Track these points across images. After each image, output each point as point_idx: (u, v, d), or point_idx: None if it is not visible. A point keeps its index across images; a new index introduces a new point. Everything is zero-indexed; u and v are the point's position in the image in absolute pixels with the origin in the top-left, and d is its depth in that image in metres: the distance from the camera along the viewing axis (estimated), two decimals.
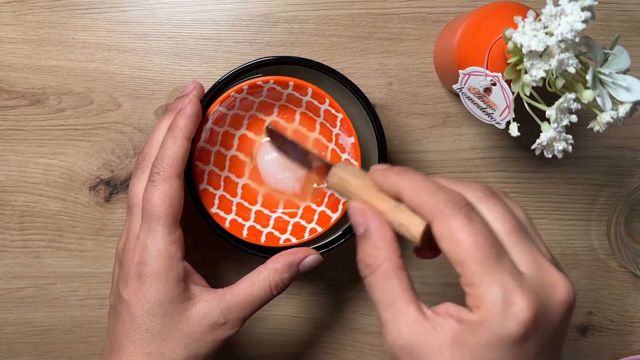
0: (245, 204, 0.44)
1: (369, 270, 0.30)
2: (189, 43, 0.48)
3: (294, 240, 0.42)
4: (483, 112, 0.39)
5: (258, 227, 0.43)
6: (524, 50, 0.32)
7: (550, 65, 0.32)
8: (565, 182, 0.50)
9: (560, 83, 0.32)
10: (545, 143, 0.34)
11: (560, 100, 0.33)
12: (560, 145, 0.34)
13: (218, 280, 0.50)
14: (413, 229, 0.30)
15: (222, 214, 0.42)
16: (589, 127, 0.35)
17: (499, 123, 0.39)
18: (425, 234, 0.29)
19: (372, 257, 0.30)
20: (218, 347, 0.38)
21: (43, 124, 0.48)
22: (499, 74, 0.36)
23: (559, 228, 0.51)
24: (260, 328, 0.51)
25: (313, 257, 0.40)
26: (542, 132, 0.34)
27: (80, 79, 0.48)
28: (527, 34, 0.32)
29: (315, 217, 0.43)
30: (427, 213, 0.29)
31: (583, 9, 0.31)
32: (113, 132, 0.48)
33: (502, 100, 0.38)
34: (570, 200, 0.50)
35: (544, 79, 0.33)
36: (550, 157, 0.35)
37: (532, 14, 0.33)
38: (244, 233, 0.42)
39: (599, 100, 0.32)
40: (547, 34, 0.31)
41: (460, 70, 0.38)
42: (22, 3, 0.47)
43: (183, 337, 0.37)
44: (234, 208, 0.43)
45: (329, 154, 0.44)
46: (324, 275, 0.50)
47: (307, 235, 0.42)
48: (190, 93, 0.40)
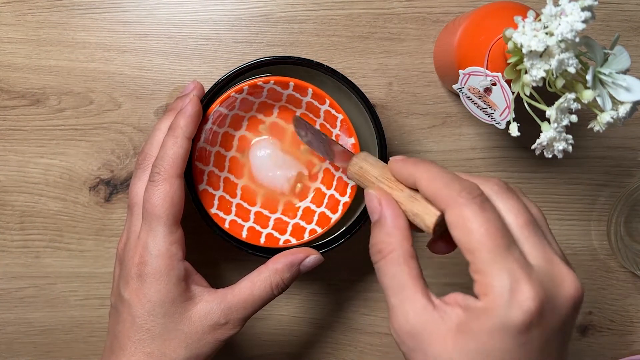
0: (245, 205, 0.44)
1: (380, 256, 0.31)
2: (189, 43, 0.48)
3: (294, 241, 0.42)
4: (483, 112, 0.39)
5: (258, 228, 0.43)
6: (524, 50, 0.32)
7: (550, 65, 0.32)
8: (565, 182, 0.50)
9: (560, 83, 0.33)
10: (545, 143, 0.34)
11: (560, 100, 0.33)
12: (560, 145, 0.35)
13: (218, 281, 0.50)
14: (427, 219, 0.30)
15: (221, 215, 0.42)
16: (589, 127, 0.35)
17: (499, 123, 0.39)
18: (438, 225, 0.30)
19: (384, 243, 0.31)
20: (219, 347, 0.38)
21: (43, 124, 0.48)
22: (499, 74, 0.36)
23: (559, 228, 0.51)
24: (261, 328, 0.51)
25: (314, 257, 0.40)
26: (542, 132, 0.34)
27: (80, 79, 0.48)
28: (527, 34, 0.32)
29: (315, 217, 0.43)
30: (441, 202, 0.29)
31: (583, 9, 0.31)
32: (113, 132, 0.48)
33: (502, 100, 0.38)
34: (570, 200, 0.50)
35: (544, 79, 0.33)
36: (550, 157, 0.35)
37: (532, 14, 0.33)
38: (244, 234, 0.42)
39: (599, 100, 0.32)
40: (547, 34, 0.31)
41: (460, 70, 0.38)
42: (22, 3, 0.47)
43: (184, 337, 0.37)
44: (234, 209, 0.43)
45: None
46: (324, 275, 0.50)
47: (307, 236, 0.42)
48: (191, 93, 0.40)
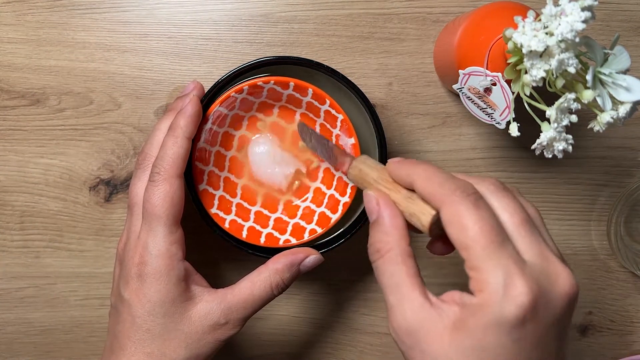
0: (245, 205, 0.44)
1: (378, 255, 0.31)
2: (189, 43, 0.48)
3: (294, 241, 0.42)
4: (483, 112, 0.39)
5: (258, 227, 0.43)
6: (524, 50, 0.32)
7: (550, 65, 0.32)
8: (565, 182, 0.50)
9: (560, 83, 0.33)
10: (545, 143, 0.34)
11: (560, 100, 0.33)
12: (560, 145, 0.35)
13: (218, 281, 0.50)
14: (423, 219, 0.31)
15: (221, 215, 0.42)
16: (589, 127, 0.35)
17: (499, 123, 0.39)
18: (434, 224, 0.31)
19: (382, 242, 0.31)
20: (219, 347, 0.38)
21: (43, 124, 0.48)
22: (499, 74, 0.36)
23: (559, 228, 0.51)
24: (261, 328, 0.51)
25: (314, 257, 0.40)
26: (542, 132, 0.34)
27: (80, 79, 0.48)
28: (527, 34, 0.32)
29: (315, 217, 0.43)
30: (436, 200, 0.30)
31: (583, 9, 0.31)
32: (113, 132, 0.48)
33: (502, 100, 0.38)
34: (570, 200, 0.50)
35: (544, 79, 0.33)
36: (550, 157, 0.35)
37: (532, 14, 0.33)
38: (244, 234, 0.42)
39: (599, 100, 0.32)
40: (547, 34, 0.31)
41: (460, 70, 0.38)
42: (22, 3, 0.47)
43: (184, 337, 0.37)
44: (234, 209, 0.43)
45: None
46: (324, 275, 0.50)
47: (306, 236, 0.42)
48: (191, 93, 0.40)
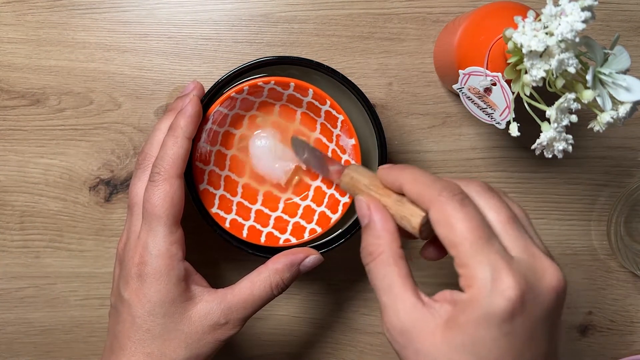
0: (246, 203, 0.44)
1: (371, 258, 0.32)
2: (189, 43, 0.48)
3: (294, 241, 0.42)
4: (483, 112, 0.39)
5: (258, 226, 0.43)
6: (524, 50, 0.32)
7: (550, 65, 0.32)
8: (565, 182, 0.50)
9: (560, 83, 0.33)
10: (545, 143, 0.34)
11: (560, 100, 0.33)
12: (560, 145, 0.35)
13: (218, 281, 0.50)
14: (413, 220, 0.32)
15: (222, 214, 0.42)
16: (589, 127, 0.35)
17: (499, 123, 0.39)
18: (424, 226, 0.32)
19: (374, 245, 0.32)
20: (219, 347, 0.38)
21: (43, 124, 0.48)
22: (499, 74, 0.36)
23: (559, 228, 0.51)
24: (261, 328, 0.51)
25: (314, 257, 0.40)
26: (542, 132, 0.34)
27: (80, 79, 0.48)
28: (527, 34, 0.32)
29: (315, 217, 0.43)
30: (424, 201, 0.31)
31: (583, 9, 0.31)
32: (113, 132, 0.48)
33: (502, 100, 0.38)
34: (570, 200, 0.50)
35: (544, 79, 0.33)
36: (550, 157, 0.35)
37: (532, 14, 0.33)
38: (244, 233, 0.42)
39: (599, 100, 0.32)
40: (547, 34, 0.31)
41: (460, 70, 0.38)
42: (22, 3, 0.47)
43: (184, 337, 0.37)
44: (234, 207, 0.43)
45: (330, 155, 0.44)
46: (324, 275, 0.50)
47: (306, 236, 0.42)
48: (191, 93, 0.40)
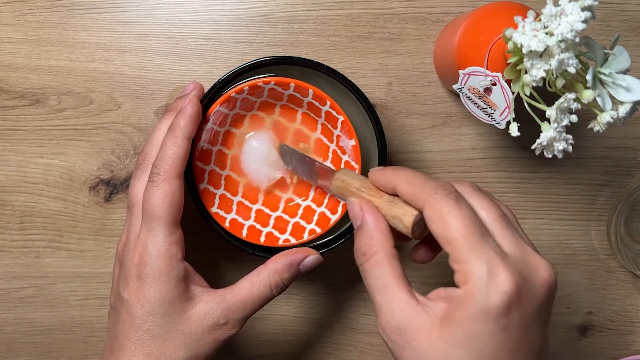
0: (246, 203, 0.44)
1: (365, 258, 0.32)
2: (189, 43, 0.48)
3: (293, 241, 0.42)
4: (483, 112, 0.39)
5: (258, 226, 0.43)
6: (524, 50, 0.32)
7: (550, 65, 0.32)
8: (565, 182, 0.50)
9: (560, 83, 0.32)
10: (545, 143, 0.34)
11: (560, 100, 0.33)
12: (560, 145, 0.35)
13: (218, 281, 0.50)
14: (405, 219, 0.32)
15: (222, 214, 0.42)
16: (589, 127, 0.35)
17: (499, 123, 0.39)
18: (416, 225, 0.32)
19: (367, 245, 0.32)
20: (219, 347, 0.38)
21: (43, 124, 0.48)
22: (499, 74, 0.36)
23: (559, 228, 0.51)
24: (261, 328, 0.51)
25: (313, 257, 0.40)
26: (542, 132, 0.34)
27: (80, 79, 0.48)
28: (527, 34, 0.32)
29: (315, 217, 0.43)
30: (418, 200, 0.31)
31: (583, 9, 0.31)
32: (113, 132, 0.48)
33: (502, 100, 0.37)
34: (570, 200, 0.50)
35: (544, 79, 0.33)
36: (550, 157, 0.35)
37: (532, 14, 0.33)
38: (244, 233, 0.42)
39: (599, 100, 0.32)
40: (547, 34, 0.31)
41: (460, 70, 0.38)
42: (22, 3, 0.47)
43: (183, 337, 0.37)
44: (235, 207, 0.43)
45: (330, 155, 0.44)
46: (324, 276, 0.50)
47: (306, 236, 0.42)
48: (190, 93, 0.40)
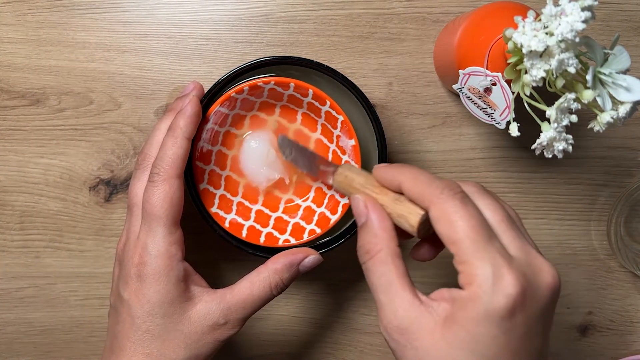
0: (246, 203, 0.44)
1: (368, 256, 0.32)
2: (189, 43, 0.48)
3: (293, 241, 0.42)
4: (483, 112, 0.39)
5: (258, 227, 0.43)
6: (524, 50, 0.32)
7: (551, 65, 0.32)
8: (565, 182, 0.50)
9: (560, 83, 0.32)
10: (545, 143, 0.34)
11: (560, 100, 0.33)
12: (560, 145, 0.34)
13: (218, 281, 0.50)
14: (411, 219, 0.32)
15: (222, 214, 0.42)
16: (589, 127, 0.35)
17: (499, 123, 0.39)
18: (422, 225, 0.32)
19: (371, 243, 0.32)
20: (218, 347, 0.38)
21: (43, 124, 0.48)
22: (499, 74, 0.36)
23: (559, 228, 0.51)
24: (260, 328, 0.51)
25: (313, 257, 0.40)
26: (542, 132, 0.34)
27: (80, 79, 0.48)
28: (527, 34, 0.32)
29: (315, 218, 0.43)
30: (424, 200, 0.31)
31: (583, 9, 0.31)
32: (113, 132, 0.48)
33: (502, 100, 0.37)
34: (570, 200, 0.50)
35: (544, 79, 0.33)
36: (550, 157, 0.35)
37: (532, 14, 0.33)
38: (244, 233, 0.42)
39: (599, 100, 0.32)
40: (547, 34, 0.31)
41: (460, 70, 0.38)
42: (22, 3, 0.47)
43: (183, 337, 0.37)
44: (235, 207, 0.43)
45: (330, 156, 0.44)
46: (324, 276, 0.50)
47: (306, 237, 0.42)
48: (190, 93, 0.40)
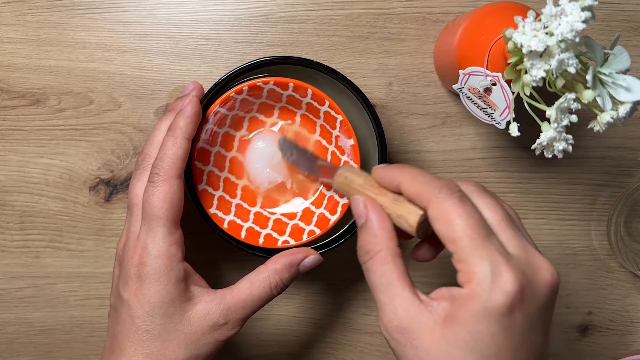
0: (245, 205, 0.44)
1: (368, 256, 0.32)
2: (189, 43, 0.48)
3: (292, 242, 0.42)
4: (483, 112, 0.39)
5: (257, 228, 0.43)
6: (524, 50, 0.32)
7: (551, 65, 0.32)
8: (565, 182, 0.50)
9: (560, 83, 0.32)
10: (545, 143, 0.34)
11: (560, 100, 0.33)
12: (560, 145, 0.34)
13: (218, 281, 0.50)
14: (410, 219, 0.32)
15: (220, 215, 0.42)
16: (589, 127, 0.35)
17: (499, 123, 0.39)
18: (421, 225, 0.32)
19: (371, 243, 0.32)
20: (218, 347, 0.38)
21: (43, 124, 0.48)
22: (499, 74, 0.36)
23: (559, 228, 0.51)
24: (260, 328, 0.51)
25: (313, 257, 0.40)
26: (542, 132, 0.34)
27: (80, 79, 0.48)
28: (527, 34, 0.32)
29: (314, 219, 0.43)
30: (423, 199, 0.31)
31: (583, 9, 0.31)
32: (113, 132, 0.48)
33: (502, 100, 0.37)
34: (570, 200, 0.50)
35: (544, 79, 0.33)
36: (550, 157, 0.35)
37: (532, 14, 0.33)
38: (242, 234, 0.42)
39: (599, 100, 0.32)
40: (547, 34, 0.31)
41: (460, 70, 0.38)
42: (22, 3, 0.47)
43: (183, 337, 0.37)
44: (233, 209, 0.43)
45: (329, 156, 0.44)
46: (324, 276, 0.50)
47: (305, 237, 0.42)
48: (190, 93, 0.40)
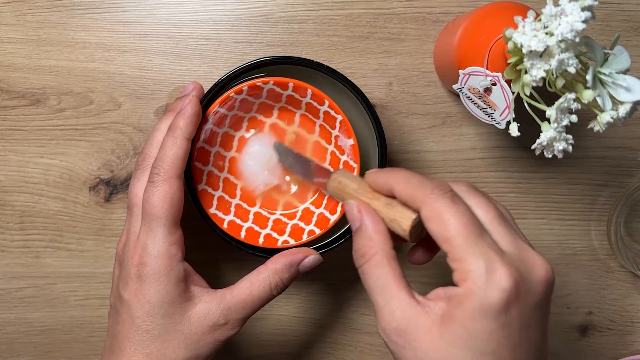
0: (244, 206, 0.44)
1: (364, 260, 0.32)
2: (189, 43, 0.48)
3: (292, 242, 0.42)
4: (483, 112, 0.39)
5: (256, 228, 0.43)
6: (524, 50, 0.32)
7: (551, 65, 0.32)
8: (565, 182, 0.50)
9: (560, 83, 0.32)
10: (545, 143, 0.34)
11: (560, 100, 0.33)
12: (560, 145, 0.34)
13: (218, 281, 0.50)
14: (403, 223, 0.32)
15: (220, 215, 0.42)
16: (589, 127, 0.35)
17: (499, 123, 0.39)
18: (414, 228, 0.32)
19: (366, 247, 0.32)
20: (218, 347, 0.38)
21: (43, 124, 0.48)
22: (499, 74, 0.36)
23: (559, 228, 0.51)
24: (260, 328, 0.51)
25: (313, 257, 0.40)
26: (542, 132, 0.34)
27: (80, 79, 0.48)
28: (527, 34, 0.32)
29: (314, 219, 0.43)
30: (415, 201, 0.31)
31: (583, 9, 0.31)
32: (113, 132, 0.48)
33: (502, 100, 0.37)
34: (570, 200, 0.50)
35: (544, 79, 0.33)
36: (550, 157, 0.35)
37: (532, 14, 0.33)
38: (242, 234, 0.42)
39: (599, 100, 0.32)
40: (547, 34, 0.31)
41: (460, 70, 0.38)
42: (22, 3, 0.47)
43: (183, 337, 0.37)
44: (233, 209, 0.43)
45: (329, 156, 0.44)
46: (324, 276, 0.50)
47: (305, 237, 0.42)
48: (190, 93, 0.40)
